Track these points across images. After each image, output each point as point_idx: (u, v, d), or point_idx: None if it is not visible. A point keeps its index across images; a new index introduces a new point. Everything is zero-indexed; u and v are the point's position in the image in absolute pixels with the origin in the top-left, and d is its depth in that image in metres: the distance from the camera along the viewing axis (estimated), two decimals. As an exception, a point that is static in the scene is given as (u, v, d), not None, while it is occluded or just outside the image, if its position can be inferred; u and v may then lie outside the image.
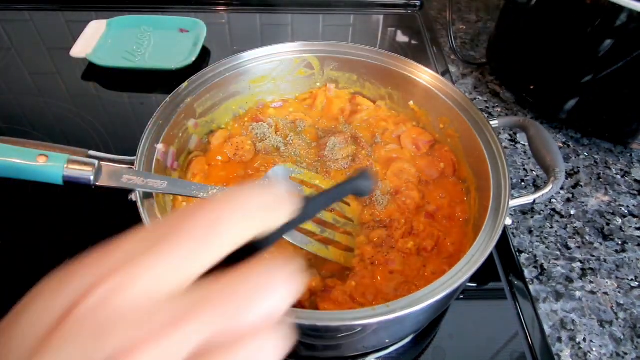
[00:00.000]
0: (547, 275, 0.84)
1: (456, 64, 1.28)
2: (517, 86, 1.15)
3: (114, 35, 1.26)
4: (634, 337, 0.77)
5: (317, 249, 0.73)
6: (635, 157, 1.05)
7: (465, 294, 0.82)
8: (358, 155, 0.88)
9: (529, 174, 1.01)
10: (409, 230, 0.78)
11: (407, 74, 0.91)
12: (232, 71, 0.89)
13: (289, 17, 1.44)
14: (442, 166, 0.88)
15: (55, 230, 0.88)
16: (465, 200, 0.83)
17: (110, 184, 0.66)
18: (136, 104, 1.15)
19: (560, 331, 0.77)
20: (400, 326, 0.68)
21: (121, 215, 0.90)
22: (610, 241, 0.89)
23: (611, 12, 0.86)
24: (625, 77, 0.92)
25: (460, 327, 0.78)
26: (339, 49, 0.95)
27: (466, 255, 0.63)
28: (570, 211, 0.94)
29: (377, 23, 1.46)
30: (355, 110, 0.97)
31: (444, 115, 0.88)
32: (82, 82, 1.20)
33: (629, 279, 0.84)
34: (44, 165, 0.63)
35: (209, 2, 1.45)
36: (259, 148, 0.90)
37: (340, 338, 0.63)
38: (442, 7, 1.48)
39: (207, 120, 0.90)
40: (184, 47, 1.23)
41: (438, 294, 0.58)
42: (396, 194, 0.83)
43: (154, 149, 0.75)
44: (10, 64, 1.24)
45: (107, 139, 1.04)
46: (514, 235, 0.90)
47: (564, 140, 1.08)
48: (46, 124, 1.09)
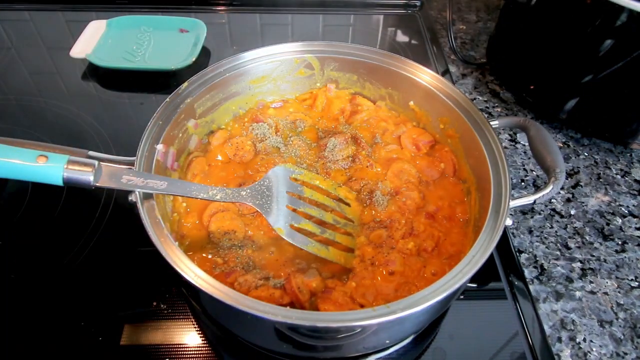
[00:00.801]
0: (547, 275, 0.84)
1: (456, 64, 1.27)
2: (517, 86, 1.15)
3: (114, 35, 1.26)
4: (634, 337, 0.77)
5: (318, 249, 0.73)
6: (635, 157, 1.05)
7: (465, 294, 0.82)
8: (358, 156, 0.88)
9: (529, 174, 1.01)
10: (409, 231, 0.78)
11: (407, 74, 0.91)
12: (232, 71, 0.89)
13: (289, 17, 1.44)
14: (442, 166, 0.88)
15: (55, 230, 0.88)
16: (465, 200, 0.83)
17: (110, 184, 0.66)
18: (136, 104, 1.15)
19: (560, 331, 0.77)
20: (400, 327, 0.68)
21: (121, 216, 0.90)
22: (610, 241, 0.89)
23: (611, 12, 0.86)
24: (625, 77, 0.92)
25: (460, 327, 0.78)
26: (339, 49, 0.95)
27: (466, 255, 0.63)
28: (570, 211, 0.94)
29: (377, 23, 1.46)
30: (356, 111, 0.97)
31: (444, 115, 0.88)
32: (82, 82, 1.20)
33: (629, 279, 0.84)
34: (44, 165, 0.63)
35: (209, 2, 1.45)
36: (259, 148, 0.90)
37: (341, 339, 0.63)
38: (442, 7, 1.48)
39: (207, 121, 0.90)
40: (184, 47, 1.23)
41: (438, 295, 0.58)
42: (396, 195, 0.83)
43: (154, 150, 0.75)
44: (10, 64, 1.24)
45: (107, 139, 1.04)
46: (514, 235, 0.90)
47: (564, 140, 1.08)
48: (46, 124, 1.09)
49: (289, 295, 0.68)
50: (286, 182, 0.78)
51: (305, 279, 0.70)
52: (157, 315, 0.77)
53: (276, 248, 0.76)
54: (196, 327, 0.77)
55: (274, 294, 0.68)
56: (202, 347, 0.74)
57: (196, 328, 0.76)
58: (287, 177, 0.79)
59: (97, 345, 0.73)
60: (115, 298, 0.79)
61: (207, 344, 0.75)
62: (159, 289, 0.80)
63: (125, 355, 0.73)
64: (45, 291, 0.79)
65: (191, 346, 0.74)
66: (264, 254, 0.75)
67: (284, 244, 0.75)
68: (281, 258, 0.75)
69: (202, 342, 0.75)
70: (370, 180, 0.85)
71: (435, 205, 0.82)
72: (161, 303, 0.78)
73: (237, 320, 0.68)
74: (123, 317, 0.77)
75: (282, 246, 0.76)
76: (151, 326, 0.76)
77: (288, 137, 0.92)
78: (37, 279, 0.81)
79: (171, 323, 0.77)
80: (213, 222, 0.78)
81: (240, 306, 0.56)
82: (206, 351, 0.74)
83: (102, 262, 0.83)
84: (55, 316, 0.77)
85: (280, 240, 0.73)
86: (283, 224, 0.73)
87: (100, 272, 0.82)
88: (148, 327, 0.76)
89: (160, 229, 0.64)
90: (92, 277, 0.82)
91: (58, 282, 0.80)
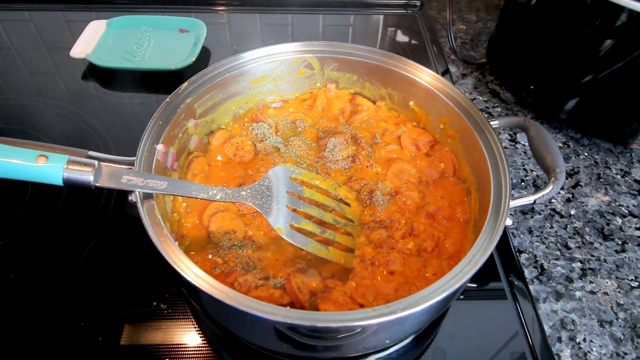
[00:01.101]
0: (547, 275, 0.84)
1: (456, 64, 1.27)
2: (517, 86, 1.15)
3: (114, 35, 1.26)
4: (634, 337, 0.77)
5: (318, 249, 0.73)
6: (635, 157, 1.05)
7: (465, 294, 0.82)
8: (358, 156, 0.88)
9: (529, 174, 1.01)
10: (409, 231, 0.78)
11: (407, 74, 0.91)
12: (232, 71, 0.89)
13: (289, 17, 1.44)
14: (443, 166, 0.88)
15: (55, 230, 0.88)
16: (465, 200, 0.83)
17: (110, 184, 0.66)
18: (136, 104, 1.15)
19: (560, 331, 0.77)
20: (400, 327, 0.68)
21: (121, 216, 0.90)
22: (610, 241, 0.89)
23: (611, 12, 0.86)
24: (625, 77, 0.92)
25: (460, 327, 0.78)
26: (339, 49, 0.95)
27: (467, 255, 0.63)
28: (570, 211, 0.94)
29: (377, 23, 1.46)
30: (355, 111, 0.97)
31: (444, 115, 0.88)
32: (82, 82, 1.20)
33: (629, 279, 0.84)
34: (44, 165, 0.63)
35: (209, 2, 1.45)
36: (259, 148, 0.90)
37: (341, 339, 0.63)
38: (442, 7, 1.48)
39: (207, 121, 0.90)
40: (184, 47, 1.23)
41: (439, 295, 0.58)
42: (396, 195, 0.83)
43: (154, 150, 0.75)
44: (10, 64, 1.24)
45: (107, 139, 1.04)
46: (514, 235, 0.90)
47: (564, 140, 1.08)
48: (46, 124, 1.09)
49: (289, 295, 0.68)
50: (286, 182, 0.78)
51: (305, 279, 0.70)
52: (157, 315, 0.77)
53: (276, 248, 0.76)
54: (196, 327, 0.77)
55: (274, 294, 0.68)
56: (202, 347, 0.74)
57: (196, 328, 0.76)
58: (287, 177, 0.79)
59: (97, 345, 0.73)
60: (115, 298, 0.79)
61: (207, 344, 0.75)
62: (159, 289, 0.80)
63: (125, 355, 0.73)
64: (45, 291, 0.79)
65: (191, 346, 0.74)
66: (264, 254, 0.75)
67: (284, 244, 0.75)
68: (281, 258, 0.75)
69: (202, 342, 0.75)
70: (370, 180, 0.85)
71: (435, 205, 0.82)
72: (161, 303, 0.78)
73: (237, 320, 0.68)
74: (123, 317, 0.77)
75: (282, 246, 0.76)
76: (151, 326, 0.76)
77: (288, 138, 0.92)
78: (37, 279, 0.80)
79: (171, 323, 0.77)
80: (213, 222, 0.78)
81: (240, 306, 0.56)
82: (206, 351, 0.74)
83: (102, 262, 0.83)
84: (55, 316, 0.77)
85: (280, 240, 0.73)
86: (283, 224, 0.73)
87: (100, 272, 0.82)
88: (148, 327, 0.76)
89: (160, 229, 0.64)
90: (92, 277, 0.82)
91: (58, 282, 0.80)
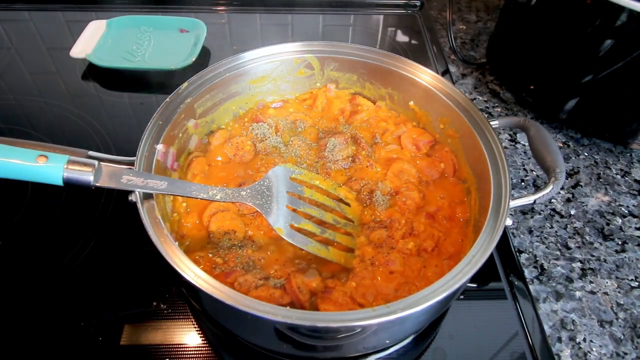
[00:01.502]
0: (547, 275, 0.84)
1: (456, 64, 1.27)
2: (517, 86, 1.15)
3: (114, 35, 1.26)
4: (634, 337, 0.77)
5: (318, 249, 0.73)
6: (635, 157, 1.05)
7: (465, 294, 0.82)
8: (358, 156, 0.88)
9: (529, 174, 1.01)
10: (409, 231, 0.78)
11: (407, 74, 0.91)
12: (232, 71, 0.89)
13: (289, 17, 1.44)
14: (443, 166, 0.88)
15: (55, 230, 0.88)
16: (465, 200, 0.83)
17: (110, 184, 0.66)
18: (136, 104, 1.15)
19: (560, 331, 0.77)
20: (400, 327, 0.68)
21: (121, 216, 0.90)
22: (610, 241, 0.89)
23: (611, 12, 0.86)
24: (625, 77, 0.92)
25: (460, 327, 0.78)
26: (339, 49, 0.95)
27: (467, 255, 0.63)
28: (570, 211, 0.94)
29: (377, 23, 1.46)
30: (355, 111, 0.97)
31: (444, 115, 0.88)
32: (82, 82, 1.20)
33: (629, 279, 0.84)
34: (44, 165, 0.63)
35: (209, 2, 1.45)
36: (259, 148, 0.90)
37: (341, 339, 0.63)
38: (442, 7, 1.48)
39: (207, 121, 0.90)
40: (184, 47, 1.23)
41: (439, 295, 0.58)
42: (396, 195, 0.83)
43: (154, 150, 0.75)
44: (10, 64, 1.24)
45: (107, 139, 1.04)
46: (514, 235, 0.90)
47: (564, 140, 1.08)
48: (46, 124, 1.09)
49: (289, 295, 0.68)
50: (286, 182, 0.78)
51: (305, 279, 0.70)
52: (157, 315, 0.77)
53: (276, 248, 0.76)
54: (196, 327, 0.77)
55: (274, 294, 0.68)
56: (202, 347, 0.74)
57: (196, 328, 0.76)
58: (287, 177, 0.79)
59: (97, 345, 0.73)
60: (115, 298, 0.79)
61: (207, 344, 0.75)
62: (159, 289, 0.80)
63: (125, 355, 0.73)
64: (45, 291, 0.79)
65: (191, 346, 0.74)
66: (264, 254, 0.75)
67: (284, 244, 0.75)
68: (281, 258, 0.75)
69: (202, 342, 0.75)
70: (370, 180, 0.85)
71: (435, 205, 0.82)
72: (161, 303, 0.78)
73: (237, 320, 0.68)
74: (123, 317, 0.77)
75: (282, 246, 0.76)
76: (151, 326, 0.76)
77: (288, 138, 0.92)
78: (37, 279, 0.81)
79: (171, 323, 0.77)
80: (213, 222, 0.78)
81: (240, 306, 0.56)
82: (206, 351, 0.74)
83: (102, 262, 0.83)
84: (55, 316, 0.77)
85: (280, 240, 0.73)
86: (283, 224, 0.73)
87: (100, 272, 0.82)
88: (148, 327, 0.76)
89: (160, 229, 0.64)
90: (92, 277, 0.82)
91: (58, 282, 0.80)
